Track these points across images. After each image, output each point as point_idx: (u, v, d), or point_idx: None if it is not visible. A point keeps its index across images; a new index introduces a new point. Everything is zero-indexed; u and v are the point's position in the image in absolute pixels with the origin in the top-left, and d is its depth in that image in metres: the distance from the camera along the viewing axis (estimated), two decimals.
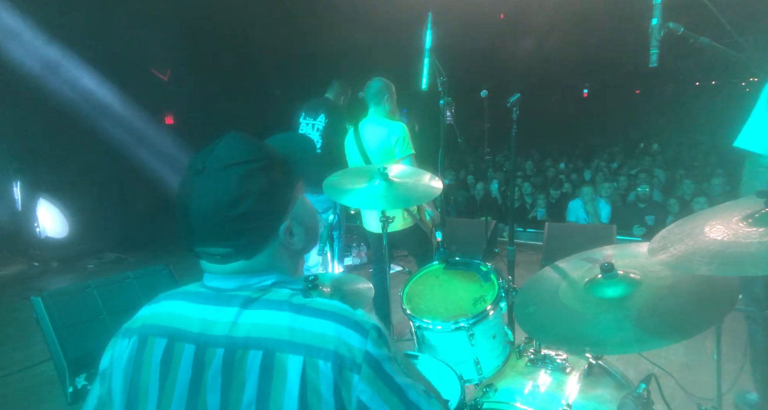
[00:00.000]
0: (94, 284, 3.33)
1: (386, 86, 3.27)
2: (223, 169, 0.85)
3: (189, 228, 0.87)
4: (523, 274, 2.68)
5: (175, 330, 0.88)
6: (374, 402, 0.80)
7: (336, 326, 0.83)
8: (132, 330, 0.92)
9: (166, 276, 3.66)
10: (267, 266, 0.91)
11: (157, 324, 0.90)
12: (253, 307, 0.86)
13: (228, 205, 0.83)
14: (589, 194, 6.10)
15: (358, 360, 0.81)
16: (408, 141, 3.12)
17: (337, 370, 0.79)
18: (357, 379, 0.80)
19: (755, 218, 1.21)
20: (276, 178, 0.89)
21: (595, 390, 1.59)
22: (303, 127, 4.21)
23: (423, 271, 2.10)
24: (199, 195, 0.85)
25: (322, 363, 0.79)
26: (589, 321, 1.36)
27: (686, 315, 1.28)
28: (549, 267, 1.66)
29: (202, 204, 0.85)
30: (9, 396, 3.19)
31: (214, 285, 0.92)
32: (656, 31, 1.46)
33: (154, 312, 0.93)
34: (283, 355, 0.80)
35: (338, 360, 0.80)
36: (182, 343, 0.86)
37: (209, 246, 0.87)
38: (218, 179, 0.85)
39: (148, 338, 0.89)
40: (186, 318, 0.89)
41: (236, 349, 0.82)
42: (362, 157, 3.23)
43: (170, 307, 0.92)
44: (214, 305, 0.88)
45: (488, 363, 1.78)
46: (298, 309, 0.85)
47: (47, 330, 3.05)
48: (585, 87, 17.32)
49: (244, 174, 0.85)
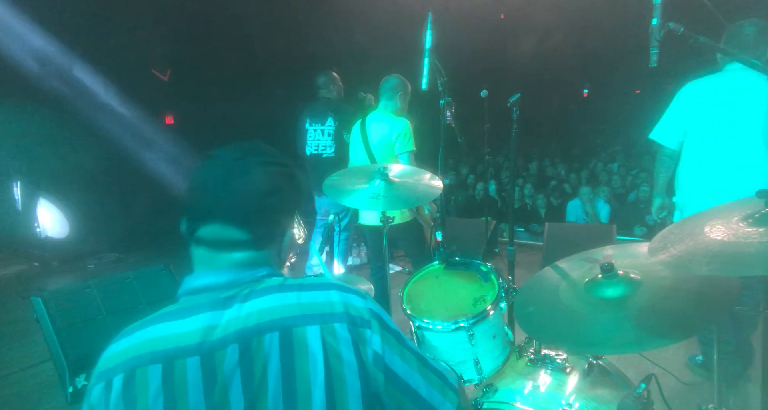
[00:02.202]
0: (94, 284, 3.32)
1: (402, 84, 3.29)
2: (262, 163, 0.93)
3: (208, 208, 0.90)
4: (523, 274, 2.67)
5: (169, 352, 0.83)
6: (386, 352, 0.87)
7: (338, 292, 0.90)
8: (109, 371, 0.85)
9: (166, 276, 3.66)
10: (262, 262, 0.94)
11: (142, 353, 0.84)
12: (253, 297, 0.87)
13: (264, 193, 0.91)
14: (587, 195, 6.10)
15: (366, 317, 0.88)
16: (410, 137, 3.14)
17: (352, 329, 0.85)
18: (369, 333, 0.86)
19: (755, 218, 1.21)
20: (296, 188, 0.98)
21: (595, 390, 1.59)
22: (311, 133, 4.13)
23: (423, 271, 2.09)
24: (240, 176, 0.90)
25: (338, 326, 0.85)
26: (589, 321, 1.36)
27: (686, 315, 1.28)
28: (549, 267, 1.66)
29: (242, 185, 0.90)
30: (9, 396, 3.18)
31: (201, 284, 0.90)
32: (656, 31, 1.46)
33: (131, 344, 0.86)
34: (300, 329, 0.83)
35: (350, 319, 0.86)
36: (183, 360, 0.82)
37: (231, 226, 0.89)
38: (258, 170, 0.92)
39: (136, 371, 0.82)
40: (178, 335, 0.84)
41: (250, 339, 0.82)
42: (366, 151, 3.25)
43: (153, 332, 0.86)
44: (210, 311, 0.86)
45: (488, 363, 1.78)
46: (298, 287, 0.90)
47: (47, 330, 3.04)
48: (585, 87, 17.31)
49: (280, 173, 0.94)
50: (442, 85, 2.86)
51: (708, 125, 2.54)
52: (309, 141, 4.15)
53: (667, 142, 2.70)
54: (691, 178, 2.66)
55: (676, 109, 2.67)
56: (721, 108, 2.50)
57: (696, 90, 2.61)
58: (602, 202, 6.22)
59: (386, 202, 2.31)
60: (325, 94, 4.21)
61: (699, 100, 2.58)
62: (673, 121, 2.67)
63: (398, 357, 0.88)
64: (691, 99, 2.61)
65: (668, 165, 2.75)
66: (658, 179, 2.85)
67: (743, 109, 2.45)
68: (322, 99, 4.22)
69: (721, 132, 2.51)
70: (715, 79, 2.58)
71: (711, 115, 2.53)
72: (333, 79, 4.22)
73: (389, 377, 0.86)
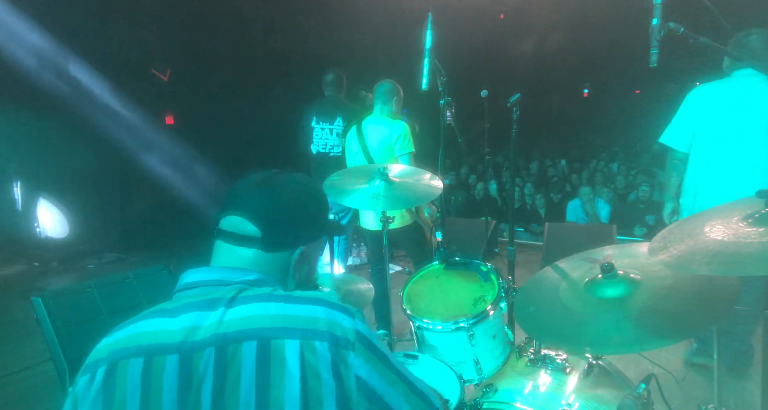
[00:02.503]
0: (94, 284, 3.31)
1: (396, 89, 3.35)
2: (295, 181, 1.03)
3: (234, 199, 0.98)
4: (523, 274, 2.67)
5: (152, 347, 0.84)
6: (371, 377, 0.84)
7: (325, 309, 0.87)
8: (95, 363, 0.86)
9: (166, 276, 3.65)
10: (257, 267, 0.95)
11: (128, 346, 0.85)
12: (238, 304, 0.87)
13: (287, 201, 0.99)
14: (587, 195, 6.11)
15: (351, 338, 0.85)
16: (409, 139, 3.17)
17: (333, 349, 0.82)
18: (352, 356, 0.83)
19: (755, 218, 1.21)
20: (319, 212, 1.04)
21: (595, 390, 1.59)
22: (318, 131, 4.07)
23: (423, 271, 2.10)
24: (270, 184, 1.00)
25: (319, 344, 0.82)
26: (589, 321, 1.35)
27: (686, 315, 1.28)
28: (549, 267, 1.66)
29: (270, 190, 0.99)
30: (9, 396, 3.19)
31: (193, 279, 0.92)
32: (656, 31, 1.45)
33: (120, 337, 0.88)
34: (279, 341, 0.81)
35: (333, 339, 0.83)
36: (162, 356, 0.83)
37: (248, 220, 0.95)
38: (289, 184, 1.01)
39: (118, 363, 0.83)
40: (164, 332, 0.85)
41: (228, 345, 0.82)
42: (365, 155, 3.26)
43: (142, 327, 0.88)
44: (196, 311, 0.87)
45: (488, 363, 1.78)
46: (285, 298, 0.88)
47: (47, 330, 3.04)
48: (585, 87, 17.32)
49: (306, 193, 1.02)
50: (442, 85, 2.86)
51: (716, 129, 2.62)
52: (315, 139, 4.09)
53: (678, 145, 2.76)
54: (699, 181, 2.71)
55: (684, 113, 2.74)
56: (728, 112, 2.57)
57: (704, 94, 2.68)
58: (602, 202, 6.23)
59: (386, 202, 2.31)
60: (333, 92, 4.16)
61: (707, 104, 2.65)
62: (683, 124, 2.74)
63: (384, 382, 0.85)
64: (699, 103, 2.69)
65: (680, 168, 2.79)
66: (669, 183, 2.89)
67: (750, 114, 2.52)
68: (329, 97, 4.16)
69: (728, 136, 2.58)
70: (722, 85, 2.66)
71: (719, 119, 2.60)
72: (341, 78, 4.18)
73: (374, 402, 0.84)
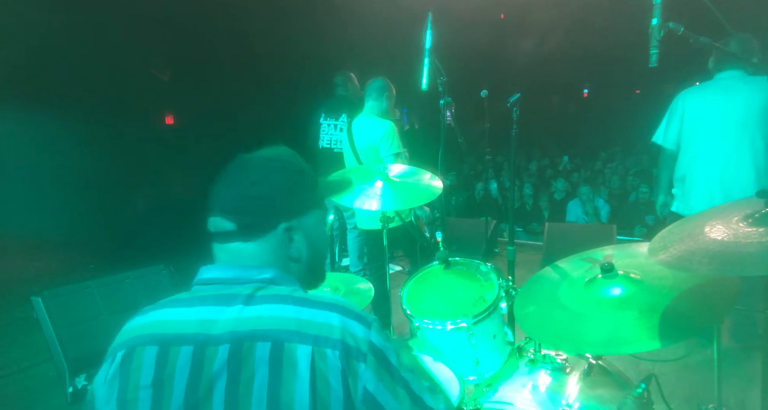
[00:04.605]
0: (94, 284, 3.32)
1: (388, 86, 3.35)
2: (265, 159, 1.00)
3: (210, 201, 0.96)
4: (523, 274, 2.67)
5: (168, 336, 0.86)
6: (379, 391, 0.83)
7: (340, 317, 0.86)
8: (115, 348, 0.89)
9: (166, 276, 3.67)
10: (264, 262, 0.94)
11: (145, 333, 0.88)
12: (256, 303, 0.87)
13: (250, 182, 0.95)
14: (587, 194, 6.11)
15: (364, 350, 0.84)
16: (395, 139, 3.14)
17: (344, 359, 0.82)
18: (363, 368, 0.82)
19: (755, 218, 1.21)
20: (293, 181, 0.99)
21: (595, 390, 1.58)
22: (324, 127, 4.27)
23: (423, 271, 2.10)
24: (239, 169, 0.98)
25: (330, 352, 0.82)
26: (589, 321, 1.36)
27: (686, 315, 1.28)
28: (549, 267, 1.66)
29: (236, 176, 0.97)
30: (9, 396, 3.18)
31: (210, 276, 0.93)
32: (656, 31, 1.46)
33: (140, 323, 0.90)
34: (292, 345, 0.81)
35: (345, 348, 0.82)
36: (177, 347, 0.84)
37: (222, 217, 0.94)
38: (252, 165, 0.98)
39: (135, 349, 0.86)
40: (181, 322, 0.87)
41: (243, 342, 0.82)
42: (353, 153, 3.27)
43: (161, 315, 0.90)
44: (214, 306, 0.88)
45: (488, 363, 1.78)
46: (302, 301, 0.88)
47: (47, 330, 3.04)
48: (585, 87, 17.30)
49: (270, 167, 0.98)
50: (442, 85, 2.85)
51: (699, 126, 2.94)
52: (322, 134, 4.31)
53: (667, 143, 3.10)
54: (687, 173, 3.00)
55: (672, 114, 3.07)
56: (708, 111, 2.89)
57: (688, 96, 3.00)
58: (602, 202, 6.23)
59: (386, 202, 2.31)
60: (341, 92, 4.38)
61: (691, 105, 2.97)
62: (670, 124, 3.08)
63: (390, 397, 0.84)
64: (684, 105, 3.00)
65: (669, 164, 3.12)
66: (660, 177, 3.24)
67: (727, 111, 2.84)
68: (338, 96, 4.38)
69: (709, 132, 2.89)
70: (705, 87, 2.97)
71: (701, 118, 2.92)
72: (350, 79, 4.41)
73: None
